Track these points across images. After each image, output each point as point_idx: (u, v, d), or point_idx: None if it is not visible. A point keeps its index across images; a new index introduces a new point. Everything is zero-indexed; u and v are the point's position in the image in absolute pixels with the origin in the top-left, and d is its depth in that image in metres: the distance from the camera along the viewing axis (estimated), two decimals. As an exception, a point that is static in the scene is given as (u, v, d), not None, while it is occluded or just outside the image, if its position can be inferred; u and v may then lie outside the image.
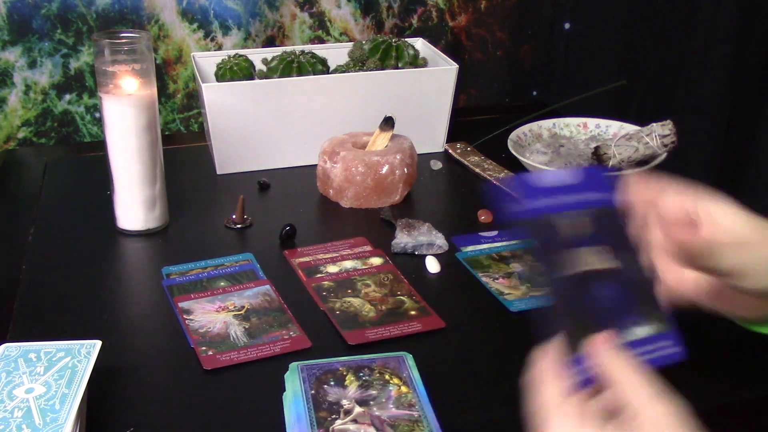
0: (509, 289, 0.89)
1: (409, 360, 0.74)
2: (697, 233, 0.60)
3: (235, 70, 1.19)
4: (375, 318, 0.83)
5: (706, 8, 1.47)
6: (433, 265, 0.93)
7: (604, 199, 0.58)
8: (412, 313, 0.84)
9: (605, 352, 0.53)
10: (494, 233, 1.01)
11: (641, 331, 0.56)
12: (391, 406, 0.68)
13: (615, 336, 0.54)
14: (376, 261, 0.94)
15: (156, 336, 0.83)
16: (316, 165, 1.12)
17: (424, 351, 0.79)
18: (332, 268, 0.93)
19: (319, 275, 0.91)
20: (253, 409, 0.71)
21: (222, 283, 0.90)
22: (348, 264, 0.94)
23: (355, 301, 0.86)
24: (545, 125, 1.28)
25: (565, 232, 0.56)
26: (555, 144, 1.25)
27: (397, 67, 1.24)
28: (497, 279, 0.91)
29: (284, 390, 0.71)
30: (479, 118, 1.43)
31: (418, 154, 1.13)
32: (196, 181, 1.18)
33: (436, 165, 1.22)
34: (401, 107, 1.16)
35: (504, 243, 0.99)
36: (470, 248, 0.98)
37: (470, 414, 0.71)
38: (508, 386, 0.75)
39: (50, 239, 1.01)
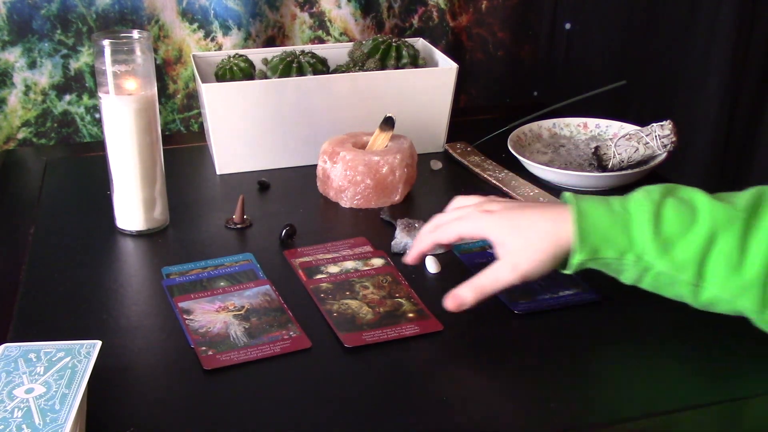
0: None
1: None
2: None
3: (235, 70, 1.19)
4: (372, 320, 0.83)
5: (707, 8, 1.47)
6: (432, 266, 0.93)
7: None
8: (410, 315, 0.84)
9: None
10: None
11: None
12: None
13: None
14: (378, 262, 0.94)
15: (156, 336, 0.83)
16: (316, 165, 1.12)
17: (422, 353, 0.79)
18: (333, 269, 0.93)
19: (319, 276, 0.91)
20: (253, 409, 0.71)
21: (222, 283, 0.90)
22: (349, 264, 0.94)
23: (353, 303, 0.86)
24: (545, 125, 1.28)
25: None
26: (555, 144, 1.25)
27: (397, 67, 1.23)
28: None
29: (284, 390, 0.71)
30: (479, 118, 1.43)
31: (418, 154, 1.13)
32: (196, 181, 1.18)
33: (436, 165, 1.22)
34: (401, 107, 1.16)
35: None
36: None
37: (467, 415, 0.71)
38: (507, 388, 0.76)
39: (50, 239, 1.01)
